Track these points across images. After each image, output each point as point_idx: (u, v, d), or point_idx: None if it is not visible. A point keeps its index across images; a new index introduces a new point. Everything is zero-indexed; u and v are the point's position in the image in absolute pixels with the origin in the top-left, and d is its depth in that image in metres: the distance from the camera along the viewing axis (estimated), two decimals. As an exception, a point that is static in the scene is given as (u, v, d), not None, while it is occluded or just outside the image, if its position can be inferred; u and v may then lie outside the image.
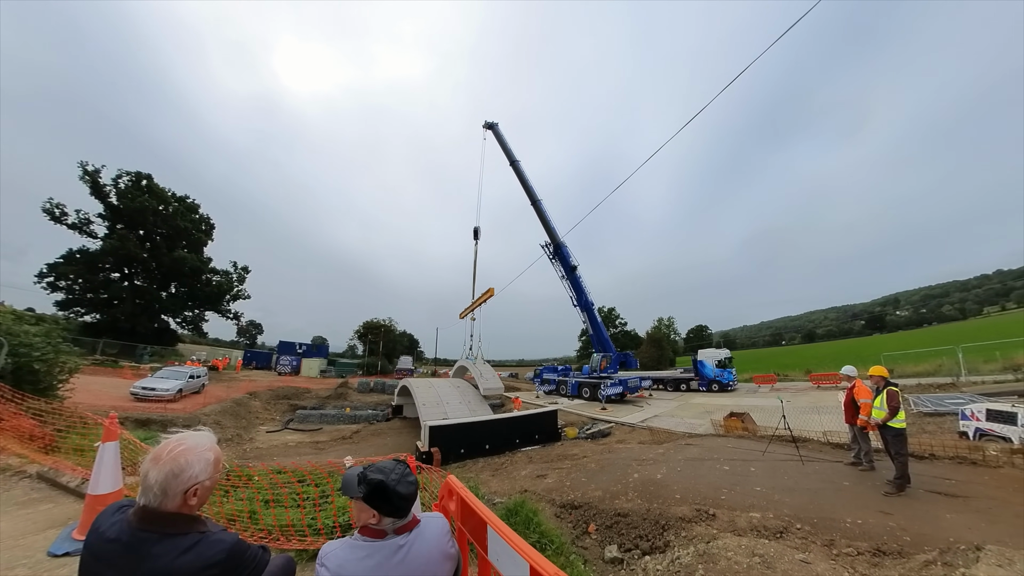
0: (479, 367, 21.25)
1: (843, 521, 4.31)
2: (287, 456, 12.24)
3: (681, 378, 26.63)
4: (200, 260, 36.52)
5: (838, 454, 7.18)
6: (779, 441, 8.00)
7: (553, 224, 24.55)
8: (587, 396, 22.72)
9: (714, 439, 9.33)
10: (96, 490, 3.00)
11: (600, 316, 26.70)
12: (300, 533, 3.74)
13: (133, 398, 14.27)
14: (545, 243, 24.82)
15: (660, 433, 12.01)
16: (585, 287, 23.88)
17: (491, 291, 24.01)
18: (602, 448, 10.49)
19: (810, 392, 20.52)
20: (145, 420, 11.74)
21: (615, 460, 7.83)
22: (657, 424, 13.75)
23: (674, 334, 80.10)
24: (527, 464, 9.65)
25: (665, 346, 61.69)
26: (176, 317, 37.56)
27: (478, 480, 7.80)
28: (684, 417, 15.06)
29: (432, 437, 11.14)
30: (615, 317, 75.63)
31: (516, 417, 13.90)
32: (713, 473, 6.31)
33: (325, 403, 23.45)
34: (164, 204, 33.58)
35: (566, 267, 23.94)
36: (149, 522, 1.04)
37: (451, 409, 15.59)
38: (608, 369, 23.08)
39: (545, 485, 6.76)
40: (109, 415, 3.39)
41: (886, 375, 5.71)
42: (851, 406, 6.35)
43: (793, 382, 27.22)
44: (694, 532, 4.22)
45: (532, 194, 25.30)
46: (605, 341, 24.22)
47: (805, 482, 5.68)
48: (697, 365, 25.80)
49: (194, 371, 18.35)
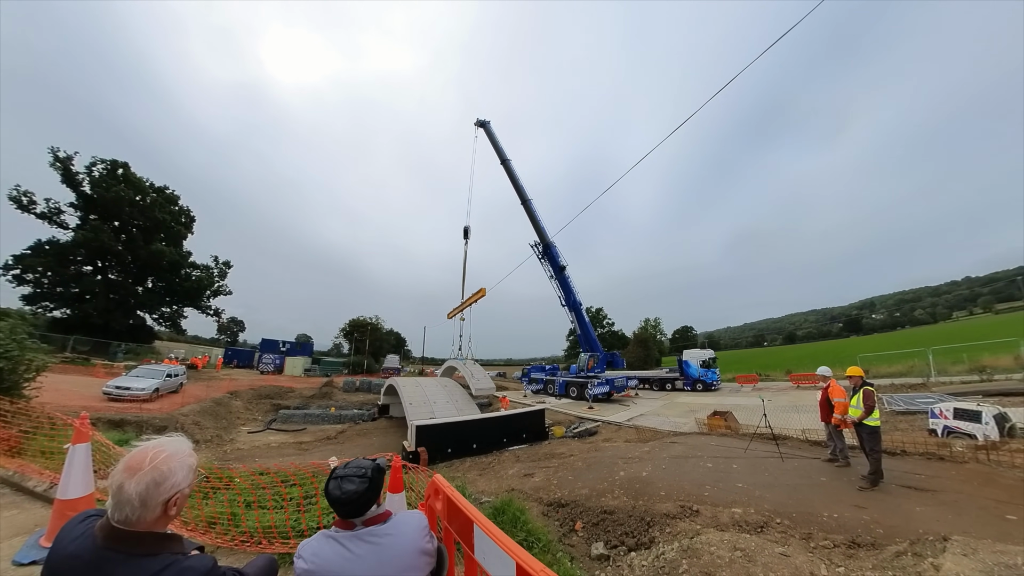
0: (470, 367, 21.21)
1: (820, 515, 4.46)
2: (270, 457, 11.99)
3: (667, 378, 27.03)
4: (179, 254, 35.17)
5: (816, 451, 7.43)
6: (760, 439, 8.23)
7: (543, 224, 24.63)
8: (574, 395, 22.92)
9: (698, 437, 9.51)
10: (66, 495, 2.88)
11: (588, 316, 27.03)
12: (283, 535, 3.67)
13: (106, 398, 13.76)
14: (535, 242, 24.90)
15: (646, 432, 12.19)
16: (573, 287, 24.04)
17: (482, 291, 23.92)
18: (589, 447, 10.59)
19: (790, 391, 21.16)
20: (119, 421, 11.31)
21: (602, 458, 7.92)
22: (643, 423, 13.94)
23: (660, 335, 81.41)
24: (514, 463, 9.69)
25: (651, 346, 62.75)
26: (153, 313, 36.15)
27: (465, 480, 7.78)
28: (669, 416, 15.32)
29: (419, 437, 11.09)
30: (603, 317, 76.37)
31: (504, 416, 13.95)
32: (697, 470, 6.44)
33: (309, 403, 23.04)
34: (141, 195, 32.21)
35: (555, 267, 24.05)
36: (116, 540, 0.94)
37: (438, 408, 15.53)
38: (595, 369, 23.29)
39: (532, 484, 6.80)
40: (80, 415, 3.26)
41: (862, 375, 5.94)
42: (826, 405, 6.56)
43: (774, 382, 28.00)
44: (678, 528, 4.30)
45: (522, 193, 25.33)
46: (593, 341, 24.44)
47: (785, 478, 5.85)
48: (682, 365, 26.25)
49: (171, 369, 17.81)
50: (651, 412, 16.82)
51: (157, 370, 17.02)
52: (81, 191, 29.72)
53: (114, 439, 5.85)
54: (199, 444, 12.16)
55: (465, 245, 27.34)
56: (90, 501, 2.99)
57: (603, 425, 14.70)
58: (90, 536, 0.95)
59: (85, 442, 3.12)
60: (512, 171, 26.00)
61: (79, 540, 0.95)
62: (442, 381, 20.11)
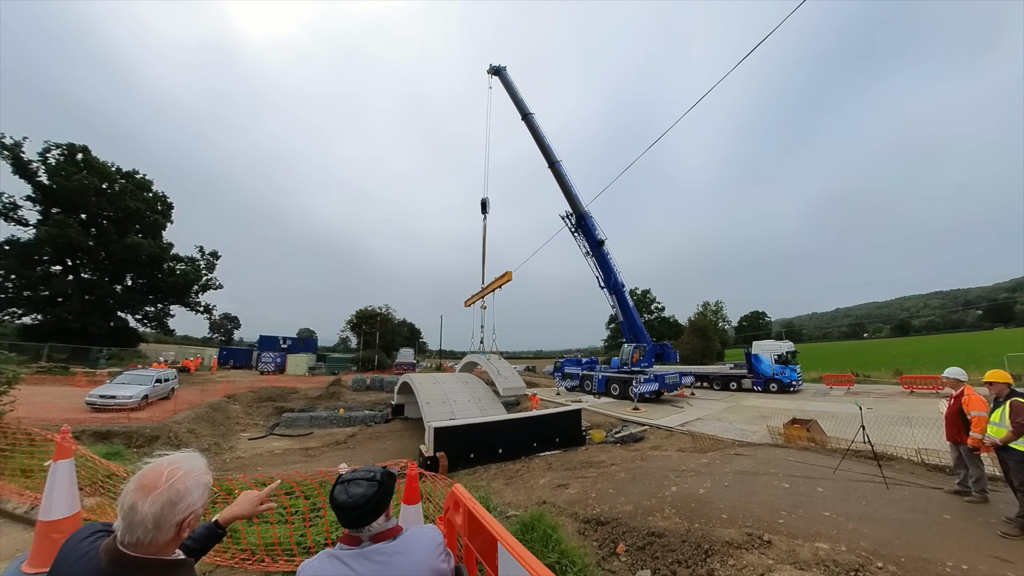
0: (495, 363, 21.48)
1: (941, 564, 4.11)
2: (273, 466, 12.82)
3: (731, 375, 26.54)
4: (159, 246, 36.17)
5: (937, 478, 6.85)
6: (856, 457, 7.79)
7: (575, 190, 24.15)
8: (616, 394, 23.06)
9: (771, 450, 9.22)
10: (49, 515, 3.11)
11: (632, 300, 26.60)
12: (288, 552, 3.86)
13: (90, 408, 14.81)
14: (566, 213, 24.56)
15: (704, 440, 12.03)
16: (614, 265, 23.75)
17: (508, 275, 23.73)
18: (634, 455, 10.57)
19: (900, 398, 19.83)
20: (106, 433, 12.19)
21: (649, 469, 7.86)
22: (700, 429, 13.81)
23: (723, 322, 78.99)
24: (546, 471, 9.83)
25: (711, 336, 60.42)
26: (136, 313, 37.66)
27: (490, 489, 7.98)
28: (734, 422, 15.00)
29: (437, 440, 11.42)
30: (650, 301, 75.18)
31: (534, 417, 14.11)
32: (769, 491, 6.20)
33: (315, 404, 24.38)
34: (108, 182, 32.56)
35: (591, 241, 23.74)
36: (122, 565, 1.00)
37: (459, 408, 15.91)
38: (641, 362, 23.24)
39: (567, 496, 6.84)
40: (61, 429, 3.49)
41: (1010, 382, 5.29)
42: (957, 419, 5.96)
43: (877, 385, 26.36)
44: (744, 561, 4.16)
45: (549, 154, 24.82)
46: (638, 329, 24.24)
47: (889, 510, 5.48)
48: (751, 360, 25.36)
49: (161, 374, 19.08)
50: (711, 416, 16.60)
51: (145, 375, 18.20)
52: (37, 181, 30.18)
53: (101, 453, 6.32)
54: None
55: (484, 221, 27.20)
56: (76, 521, 3.23)
57: (651, 429, 14.63)
58: (95, 558, 1.01)
59: (68, 458, 3.34)
60: (536, 127, 25.44)
61: (82, 562, 1.01)
62: (463, 377, 20.53)
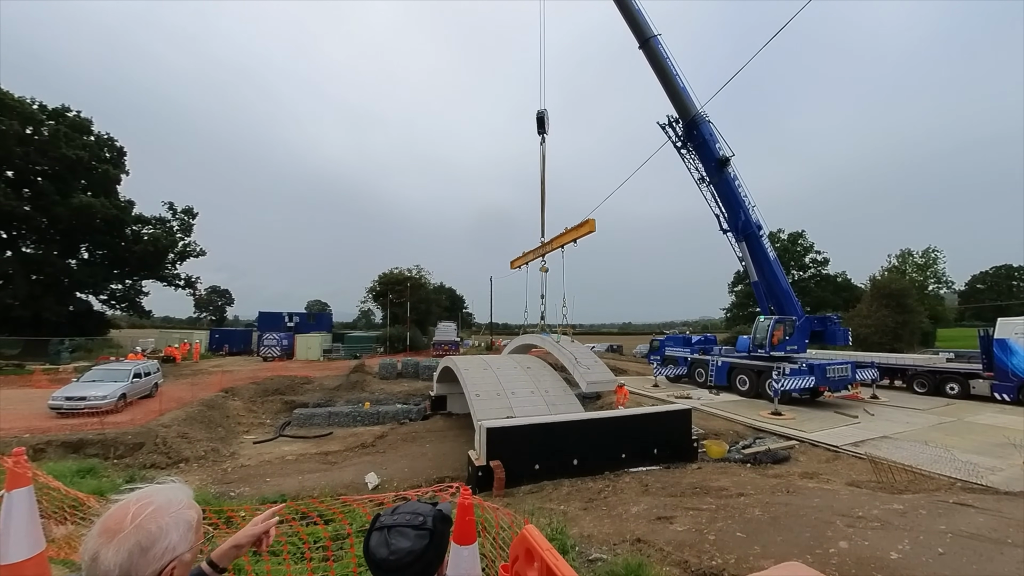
0: (568, 347, 21.48)
1: None
2: (285, 475, 14.19)
3: (949, 371, 24.58)
4: (115, 205, 37.94)
5: None
6: None
7: (682, 81, 22.92)
8: (745, 389, 22.96)
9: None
10: (6, 558, 3.52)
11: (774, 249, 25.67)
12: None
13: (55, 414, 16.74)
14: (670, 119, 23.84)
15: (896, 472, 11.38)
16: (745, 196, 23.12)
17: (590, 224, 23.05)
18: (775, 483, 10.40)
19: None
20: (77, 442, 13.83)
21: (801, 509, 7.69)
22: (889, 454, 13.06)
23: (937, 283, 70.64)
24: (641, 495, 9.96)
25: (913, 307, 53.03)
26: (100, 293, 41.20)
27: (563, 516, 8.25)
28: (953, 448, 13.59)
29: (491, 444, 11.84)
30: (804, 250, 70.33)
31: (623, 418, 14.24)
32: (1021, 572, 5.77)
33: (334, 397, 26.53)
34: (32, 124, 33.70)
35: (707, 161, 23.15)
36: None
37: (519, 402, 16.35)
38: (788, 344, 22.58)
39: (672, 535, 6.87)
40: (12, 452, 3.89)
41: None
42: None
43: None
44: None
45: (641, 28, 23.19)
46: (783, 293, 23.73)
47: None
48: (993, 348, 22.89)
49: (140, 366, 21.32)
50: (908, 434, 15.53)
51: (120, 370, 20.37)
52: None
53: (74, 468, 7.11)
54: (190, 463, 14.81)
55: (542, 145, 26.54)
56: (41, 563, 3.64)
57: (802, 447, 14.31)
58: None
59: (25, 485, 3.75)
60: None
61: None
62: (522, 359, 20.94)
